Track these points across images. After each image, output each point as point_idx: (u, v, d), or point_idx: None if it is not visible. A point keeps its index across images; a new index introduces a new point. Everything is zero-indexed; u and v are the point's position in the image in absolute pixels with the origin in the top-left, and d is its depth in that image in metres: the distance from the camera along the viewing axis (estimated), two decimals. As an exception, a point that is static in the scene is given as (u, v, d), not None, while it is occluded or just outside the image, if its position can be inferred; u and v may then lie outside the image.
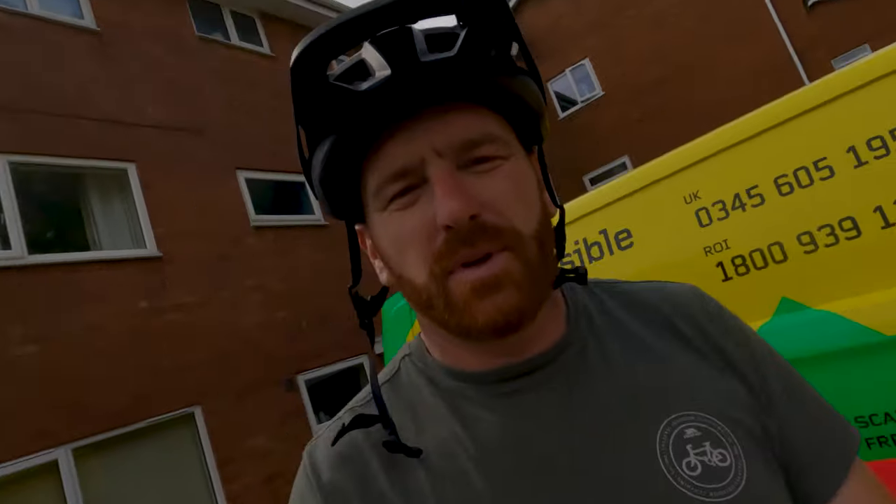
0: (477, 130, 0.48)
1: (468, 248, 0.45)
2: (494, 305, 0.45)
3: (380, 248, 0.53)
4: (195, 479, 5.16)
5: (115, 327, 5.00)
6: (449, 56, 0.44)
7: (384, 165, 0.47)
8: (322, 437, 0.55)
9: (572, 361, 0.53)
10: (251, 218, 6.53)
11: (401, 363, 0.59)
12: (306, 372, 6.34)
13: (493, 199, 0.46)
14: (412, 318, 2.67)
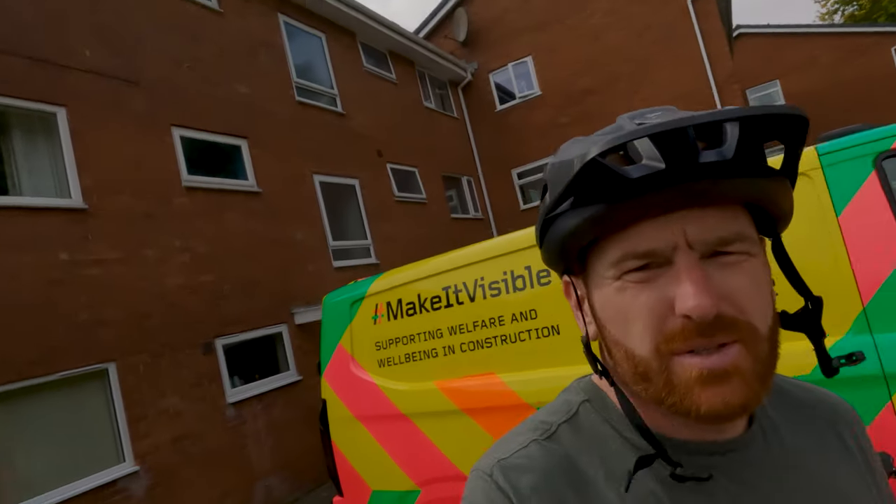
0: (730, 229, 0.49)
1: (704, 339, 0.47)
2: (720, 396, 0.47)
3: (597, 309, 0.55)
4: (104, 435, 5.20)
5: (32, 277, 4.89)
6: (725, 160, 0.46)
7: (634, 242, 0.49)
8: (519, 462, 0.56)
9: (760, 450, 0.56)
10: (183, 177, 6.46)
11: (580, 406, 0.61)
12: (225, 336, 6.44)
13: (734, 294, 0.48)
14: (352, 314, 2.96)
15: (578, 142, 0.53)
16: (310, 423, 7.06)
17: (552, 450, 0.56)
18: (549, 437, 0.58)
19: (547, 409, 0.63)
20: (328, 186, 8.76)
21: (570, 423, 0.59)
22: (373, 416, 2.78)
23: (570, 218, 0.51)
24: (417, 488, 2.60)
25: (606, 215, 0.49)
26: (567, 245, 0.53)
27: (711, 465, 0.53)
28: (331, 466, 2.98)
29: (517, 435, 0.60)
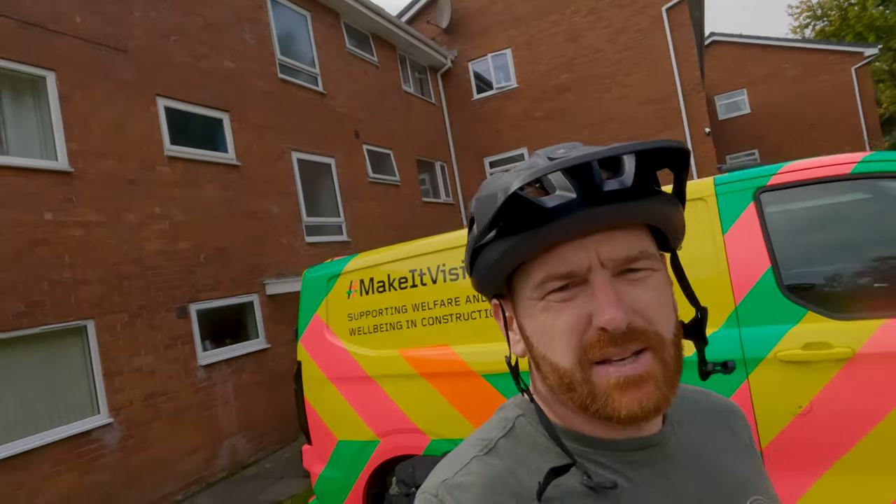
0: (637, 248, 0.56)
1: (617, 348, 0.53)
2: (636, 400, 0.53)
3: (524, 328, 0.61)
4: (81, 387, 5.50)
5: (18, 234, 5.12)
6: (625, 188, 0.53)
7: (554, 265, 0.55)
8: (462, 480, 0.59)
9: (674, 445, 0.63)
10: (165, 147, 6.68)
11: (516, 421, 0.65)
12: (199, 302, 6.75)
13: (644, 308, 0.54)
14: (329, 288, 3.37)
15: (499, 177, 0.58)
16: (275, 389, 7.45)
17: (492, 464, 0.60)
18: (488, 453, 0.61)
19: (485, 427, 0.67)
20: (305, 164, 9.04)
21: (507, 438, 0.63)
22: (342, 377, 3.21)
23: (496, 246, 0.57)
24: (377, 438, 3.06)
25: (528, 241, 0.54)
26: (495, 271, 0.59)
27: (634, 460, 0.60)
28: (302, 420, 3.40)
29: (459, 454, 0.63)
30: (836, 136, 20.40)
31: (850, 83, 20.68)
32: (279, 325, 7.75)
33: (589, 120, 13.32)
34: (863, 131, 20.44)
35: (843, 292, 2.22)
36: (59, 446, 5.14)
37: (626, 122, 12.98)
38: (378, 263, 3.22)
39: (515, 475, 0.59)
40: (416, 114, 13.24)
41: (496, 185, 0.56)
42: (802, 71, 21.38)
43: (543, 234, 0.54)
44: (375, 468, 3.07)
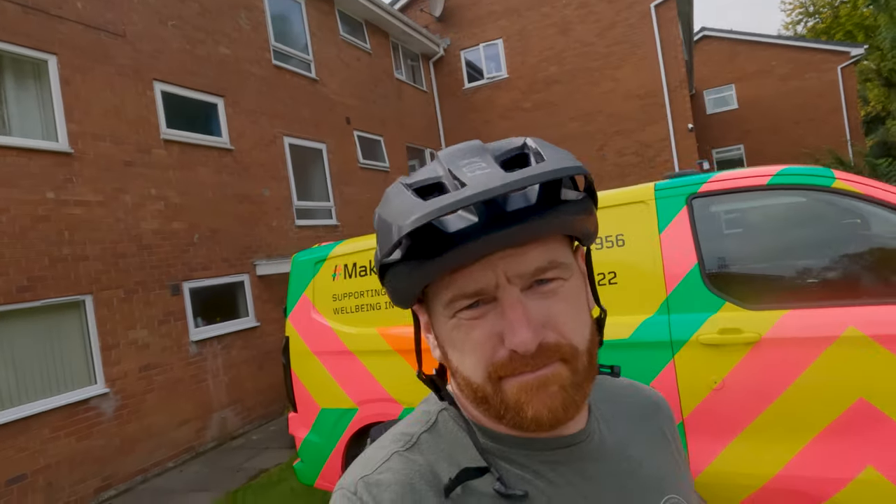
0: (545, 259, 0.55)
1: (529, 369, 0.54)
2: (542, 403, 0.54)
3: (439, 339, 0.61)
4: (79, 359, 5.80)
5: (21, 212, 5.38)
6: (530, 206, 0.53)
7: (462, 284, 0.55)
8: (381, 478, 0.58)
9: (597, 443, 0.64)
10: (161, 130, 6.93)
11: (439, 415, 0.65)
12: (192, 280, 7.05)
13: (556, 320, 0.55)
14: (315, 271, 3.69)
15: (400, 195, 0.55)
16: (263, 366, 7.79)
17: (413, 460, 0.59)
18: (409, 448, 0.61)
19: (408, 421, 0.67)
20: (297, 148, 9.30)
21: (430, 433, 0.63)
22: (326, 351, 3.56)
23: (400, 267, 0.56)
24: (356, 406, 3.41)
25: (432, 266, 0.54)
26: (403, 291, 0.59)
27: (554, 460, 0.60)
28: (289, 389, 3.75)
29: (380, 449, 0.62)
30: (820, 133, 20.83)
31: (835, 82, 21.07)
32: (268, 304, 8.07)
33: (576, 112, 13.63)
34: (845, 130, 20.87)
35: (755, 287, 2.59)
36: (59, 413, 5.46)
37: (613, 115, 13.30)
38: (361, 250, 3.55)
39: (435, 472, 0.59)
40: (407, 101, 13.47)
41: (394, 212, 0.53)
42: (790, 68, 21.72)
43: (447, 258, 0.53)
44: (354, 433, 3.43)
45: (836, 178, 2.42)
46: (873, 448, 2.30)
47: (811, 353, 2.34)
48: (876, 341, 2.26)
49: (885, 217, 2.36)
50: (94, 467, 5.68)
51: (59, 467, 5.38)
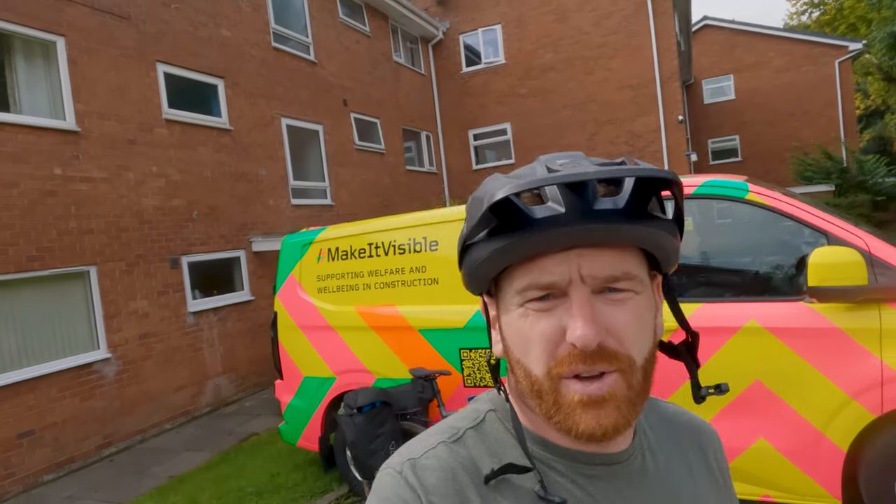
0: (620, 268, 0.56)
1: (586, 366, 0.54)
2: (596, 419, 0.54)
3: (504, 331, 0.62)
4: (83, 325, 6.21)
5: (31, 187, 5.73)
6: (617, 209, 0.52)
7: (536, 275, 0.56)
8: (426, 462, 0.61)
9: (638, 465, 0.65)
10: (164, 110, 7.24)
11: (486, 415, 0.67)
12: (190, 254, 7.42)
13: (618, 329, 0.55)
14: (303, 253, 4.08)
15: (497, 179, 0.57)
16: (257, 337, 8.22)
17: (457, 452, 0.62)
18: (455, 441, 0.63)
19: (457, 416, 0.68)
20: (294, 129, 9.60)
21: (476, 430, 0.65)
22: (310, 326, 3.96)
23: (483, 247, 0.57)
24: (334, 376, 3.83)
25: (513, 248, 0.55)
26: (480, 271, 0.60)
27: (594, 475, 0.62)
28: (276, 359, 4.16)
29: (427, 437, 0.65)
30: (815, 126, 21.05)
31: (832, 76, 21.19)
32: (263, 280, 8.46)
33: (570, 100, 13.89)
34: (840, 124, 21.07)
35: (678, 282, 2.97)
36: (64, 375, 5.88)
37: (606, 104, 13.56)
38: (343, 236, 3.93)
39: (477, 465, 0.61)
40: (405, 84, 13.70)
41: (491, 188, 0.55)
42: (788, 61, 21.81)
43: (527, 243, 0.54)
44: (332, 399, 3.85)
45: (750, 190, 2.79)
46: (765, 422, 2.71)
47: (719, 340, 2.75)
48: (771, 332, 2.66)
49: (788, 227, 2.74)
50: (97, 426, 6.12)
51: (65, 425, 5.82)
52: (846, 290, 2.48)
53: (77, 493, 5.13)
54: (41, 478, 5.55)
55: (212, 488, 4.58)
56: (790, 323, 2.63)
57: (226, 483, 4.64)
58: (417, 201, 13.28)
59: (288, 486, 4.33)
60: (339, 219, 10.54)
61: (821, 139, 19.62)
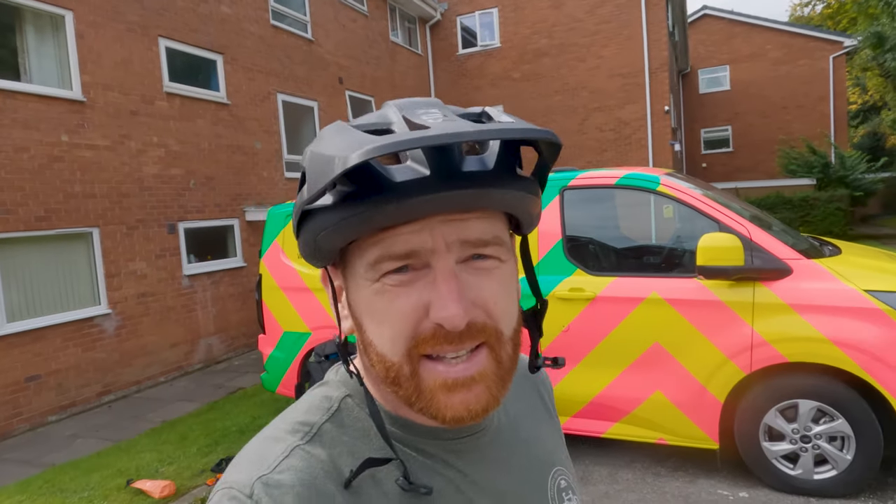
0: (489, 232, 0.50)
1: (452, 346, 0.48)
2: (465, 403, 0.49)
3: (354, 307, 0.54)
4: (86, 282, 6.72)
5: (40, 151, 6.19)
6: (486, 171, 0.47)
7: (393, 243, 0.48)
8: (281, 478, 0.51)
9: (496, 425, 0.64)
10: (165, 83, 7.66)
11: (341, 402, 0.59)
12: (187, 221, 7.91)
13: (486, 301, 0.50)
14: (286, 222, 4.58)
15: (344, 131, 0.48)
16: (247, 301, 8.75)
17: (314, 455, 0.53)
18: (311, 441, 0.54)
19: (306, 407, 0.59)
20: (289, 105, 10.02)
21: (332, 422, 0.57)
22: (290, 287, 4.48)
23: (328, 215, 0.49)
24: (310, 331, 4.36)
25: (368, 217, 0.47)
26: (324, 243, 0.51)
27: (461, 448, 0.59)
28: (259, 316, 4.69)
29: (275, 441, 0.55)
30: (807, 120, 21.41)
31: (826, 71, 21.48)
32: (255, 248, 8.97)
33: (562, 86, 14.26)
34: (831, 119, 21.42)
35: (597, 258, 3.49)
36: (68, 326, 6.41)
37: (596, 91, 13.95)
38: (322, 208, 4.42)
39: (338, 466, 0.53)
40: (401, 63, 14.04)
41: (338, 145, 0.45)
42: (785, 53, 22.06)
43: (386, 211, 0.46)
44: (308, 351, 4.39)
45: (661, 184, 3.29)
46: (661, 377, 3.25)
47: (627, 308, 3.27)
48: (668, 303, 3.18)
49: (690, 216, 3.25)
50: (97, 375, 6.68)
51: (68, 372, 6.37)
52: (726, 269, 3.00)
53: (79, 433, 5.69)
54: (46, 418, 6.11)
55: (199, 428, 5.15)
56: (684, 295, 3.16)
57: (212, 424, 5.21)
58: (409, 179, 13.72)
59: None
60: (331, 193, 10.97)
61: (811, 133, 20.02)
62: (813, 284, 3.01)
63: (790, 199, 14.50)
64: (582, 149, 14.09)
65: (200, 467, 4.25)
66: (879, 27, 16.15)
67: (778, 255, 3.06)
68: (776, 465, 3.19)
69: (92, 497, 3.90)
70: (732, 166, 22.54)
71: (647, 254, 3.49)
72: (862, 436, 2.97)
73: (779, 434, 3.16)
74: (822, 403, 3.03)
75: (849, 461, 3.03)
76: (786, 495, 3.22)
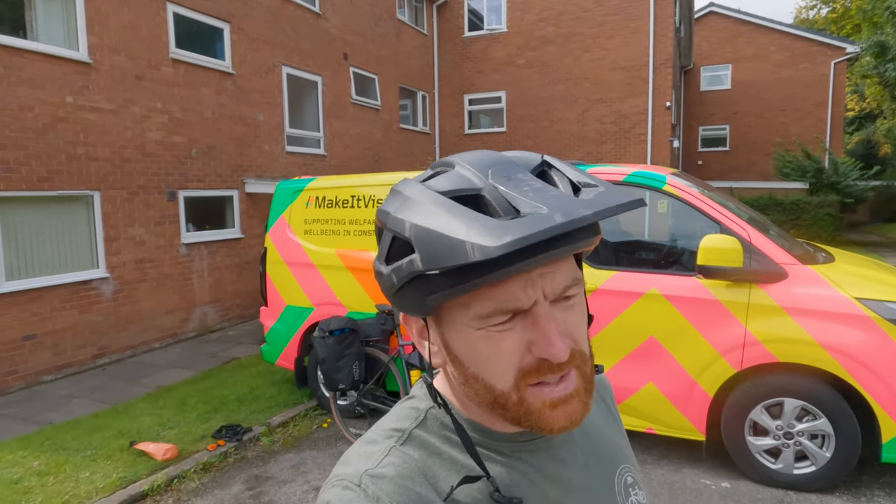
0: (572, 277, 0.58)
1: (554, 374, 0.57)
2: (567, 416, 0.58)
3: (452, 346, 0.60)
4: (85, 245, 6.73)
5: (44, 111, 6.16)
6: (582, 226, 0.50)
7: (502, 299, 0.55)
8: (383, 471, 0.60)
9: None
10: (171, 50, 7.60)
11: (427, 413, 0.67)
12: (187, 190, 7.91)
13: (573, 332, 0.58)
14: (293, 198, 4.63)
15: (454, 209, 0.52)
16: (243, 273, 8.80)
17: (409, 454, 0.62)
18: (404, 443, 0.63)
19: (395, 416, 0.68)
20: (293, 79, 9.96)
21: (420, 428, 0.65)
22: (294, 262, 4.54)
23: (440, 281, 0.53)
24: (313, 306, 4.44)
25: (475, 283, 0.52)
26: (434, 302, 0.56)
27: (534, 449, 0.66)
28: (263, 289, 4.76)
29: (373, 444, 0.64)
30: (804, 124, 21.57)
31: (826, 76, 21.57)
32: (253, 220, 8.99)
33: (565, 75, 14.26)
34: (827, 124, 21.59)
35: (601, 252, 3.59)
36: (66, 288, 6.44)
37: (599, 83, 13.97)
38: (331, 187, 4.48)
39: (430, 465, 0.62)
40: (406, 42, 13.96)
41: (461, 230, 0.50)
42: (787, 56, 22.11)
43: (491, 278, 0.51)
44: (309, 326, 4.48)
45: (667, 183, 3.38)
46: (654, 370, 3.38)
47: (626, 302, 3.38)
48: (667, 299, 3.30)
49: (693, 216, 3.35)
50: (93, 337, 6.73)
51: (64, 333, 6.42)
52: (725, 270, 3.11)
53: (75, 393, 5.76)
54: (41, 377, 6.17)
55: (197, 395, 5.23)
56: (682, 293, 3.27)
57: (210, 392, 5.30)
58: (407, 158, 13.74)
59: (265, 397, 5.01)
60: (331, 169, 11.01)
61: (807, 137, 20.19)
62: (806, 289, 3.14)
63: (782, 202, 14.69)
64: (582, 140, 14.15)
65: (201, 433, 4.35)
66: (883, 36, 16.25)
67: (775, 259, 3.17)
68: (759, 459, 3.35)
69: (95, 456, 3.99)
70: (727, 165, 22.71)
71: (648, 250, 3.59)
72: (841, 435, 3.13)
73: (763, 429, 3.31)
74: (806, 402, 3.17)
75: (827, 458, 3.19)
76: (765, 487, 3.39)
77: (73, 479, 3.75)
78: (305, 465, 3.99)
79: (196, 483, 3.80)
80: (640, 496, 0.76)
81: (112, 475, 3.76)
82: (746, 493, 3.36)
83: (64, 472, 3.85)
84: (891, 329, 2.98)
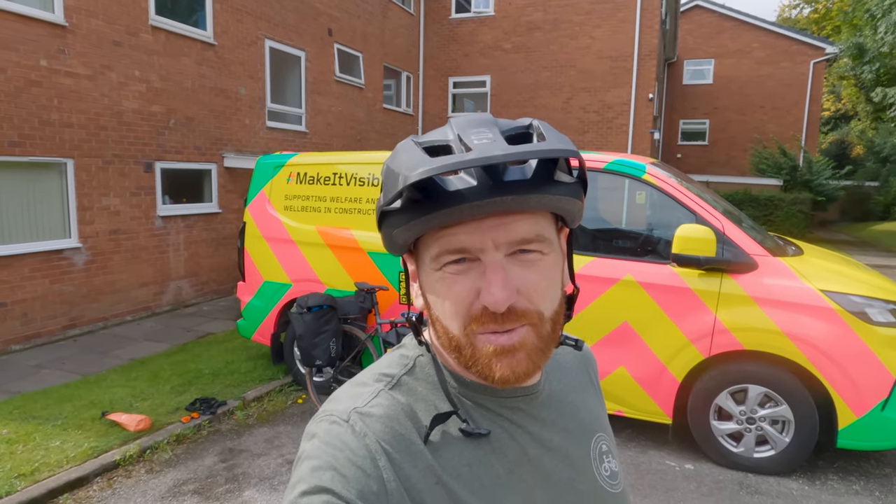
0: (531, 231, 0.60)
1: (497, 325, 0.60)
2: (509, 366, 0.61)
3: (424, 289, 0.67)
4: (57, 214, 6.58)
5: (16, 74, 5.97)
6: (525, 180, 0.57)
7: (450, 241, 0.60)
8: (372, 410, 0.64)
9: (547, 392, 0.75)
10: (151, 16, 7.40)
11: (416, 360, 0.72)
12: (164, 161, 7.77)
13: (528, 288, 0.61)
14: (274, 173, 4.59)
15: (411, 151, 0.60)
16: (220, 248, 8.70)
17: (396, 399, 0.66)
18: (393, 388, 0.68)
19: (386, 363, 0.73)
20: (276, 53, 9.79)
21: (408, 375, 0.70)
22: (273, 238, 4.52)
23: (399, 216, 0.60)
24: (291, 283, 4.43)
25: (427, 219, 0.58)
26: (400, 238, 0.63)
27: (516, 406, 0.70)
28: (240, 264, 4.73)
29: (363, 385, 0.68)
30: (782, 122, 21.93)
31: (805, 75, 21.91)
32: (232, 194, 8.88)
33: (551, 62, 14.26)
34: (804, 123, 21.98)
35: (580, 238, 3.65)
36: (37, 257, 6.31)
37: (584, 71, 14.00)
38: (312, 163, 4.45)
39: (415, 411, 0.66)
40: (392, 21, 13.78)
41: (404, 163, 0.58)
42: (769, 54, 22.37)
43: (442, 214, 0.57)
44: (286, 302, 4.47)
45: (647, 172, 3.44)
46: (626, 354, 3.47)
47: (602, 287, 3.45)
48: (641, 286, 3.37)
49: (670, 205, 3.42)
50: (63, 308, 6.61)
51: (34, 302, 6.30)
52: (698, 259, 3.19)
53: (44, 364, 5.67)
54: (9, 346, 6.06)
55: (171, 369, 5.20)
56: (656, 280, 3.35)
57: (184, 366, 5.27)
58: (390, 139, 13.64)
59: (241, 371, 5.00)
60: (313, 147, 10.89)
61: (784, 135, 20.56)
62: (775, 280, 3.24)
63: (757, 198, 14.98)
64: (564, 127, 14.19)
65: (175, 405, 4.34)
66: (861, 38, 16.55)
67: (746, 250, 3.27)
68: (721, 442, 3.47)
69: (66, 425, 3.95)
70: (706, 160, 23.02)
71: (625, 238, 3.66)
72: (801, 421, 3.26)
73: (727, 414, 3.43)
74: (769, 389, 3.29)
75: (787, 443, 3.32)
76: (727, 470, 3.52)
77: (44, 447, 3.72)
78: (279, 439, 4.01)
79: (169, 454, 3.80)
80: (613, 464, 0.79)
81: (83, 444, 3.74)
82: (709, 475, 3.49)
83: (34, 440, 3.81)
84: (853, 321, 3.10)
